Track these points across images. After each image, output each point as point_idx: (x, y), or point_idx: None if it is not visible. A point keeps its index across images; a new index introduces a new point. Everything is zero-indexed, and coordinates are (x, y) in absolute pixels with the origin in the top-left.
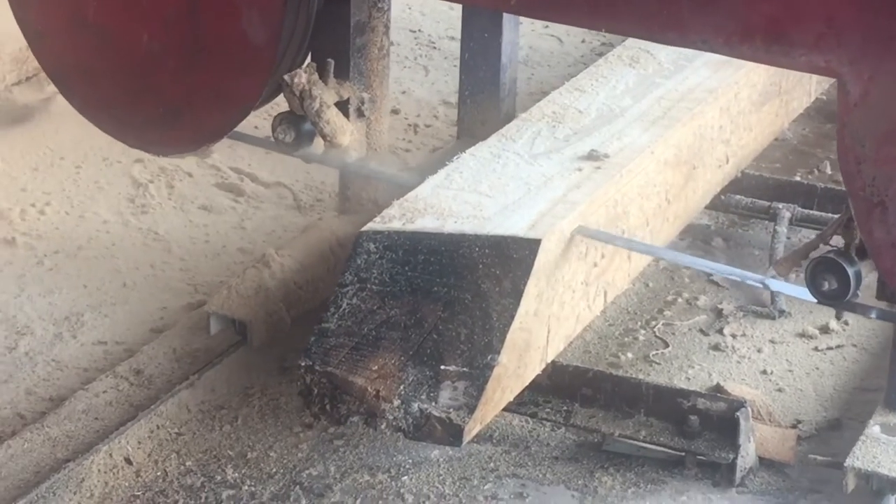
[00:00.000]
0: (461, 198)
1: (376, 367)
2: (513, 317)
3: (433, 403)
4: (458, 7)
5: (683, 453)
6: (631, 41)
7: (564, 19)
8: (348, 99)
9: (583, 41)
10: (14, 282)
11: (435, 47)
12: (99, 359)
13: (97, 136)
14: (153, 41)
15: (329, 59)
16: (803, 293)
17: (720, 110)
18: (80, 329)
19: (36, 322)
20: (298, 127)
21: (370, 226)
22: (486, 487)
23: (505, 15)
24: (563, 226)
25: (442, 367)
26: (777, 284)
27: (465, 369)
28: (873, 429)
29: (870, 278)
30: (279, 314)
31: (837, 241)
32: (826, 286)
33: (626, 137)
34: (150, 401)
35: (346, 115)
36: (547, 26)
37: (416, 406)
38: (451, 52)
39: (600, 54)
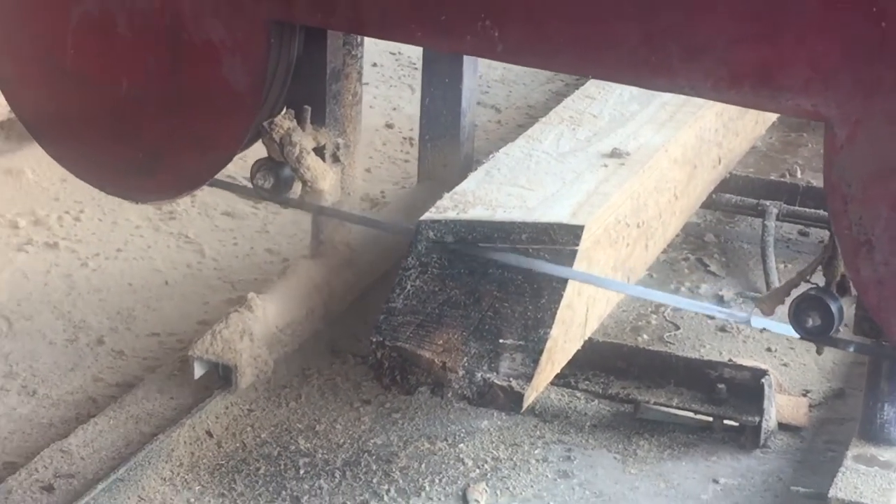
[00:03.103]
0: (504, 191)
1: (441, 342)
2: (561, 295)
3: (495, 373)
4: None
5: (712, 419)
6: None
7: (553, 66)
8: (324, 145)
9: None
10: (63, 281)
11: (416, 67)
12: (156, 348)
13: None
14: (133, 87)
15: (306, 106)
16: (787, 329)
17: (716, 115)
18: (133, 322)
19: (90, 317)
20: (277, 173)
21: (428, 216)
22: (536, 452)
23: (465, 61)
24: (600, 214)
25: (500, 340)
26: (761, 322)
27: (521, 342)
28: (851, 460)
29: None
30: (263, 357)
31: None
32: (810, 322)
33: (640, 138)
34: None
35: (323, 160)
36: None
37: (479, 376)
38: None
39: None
